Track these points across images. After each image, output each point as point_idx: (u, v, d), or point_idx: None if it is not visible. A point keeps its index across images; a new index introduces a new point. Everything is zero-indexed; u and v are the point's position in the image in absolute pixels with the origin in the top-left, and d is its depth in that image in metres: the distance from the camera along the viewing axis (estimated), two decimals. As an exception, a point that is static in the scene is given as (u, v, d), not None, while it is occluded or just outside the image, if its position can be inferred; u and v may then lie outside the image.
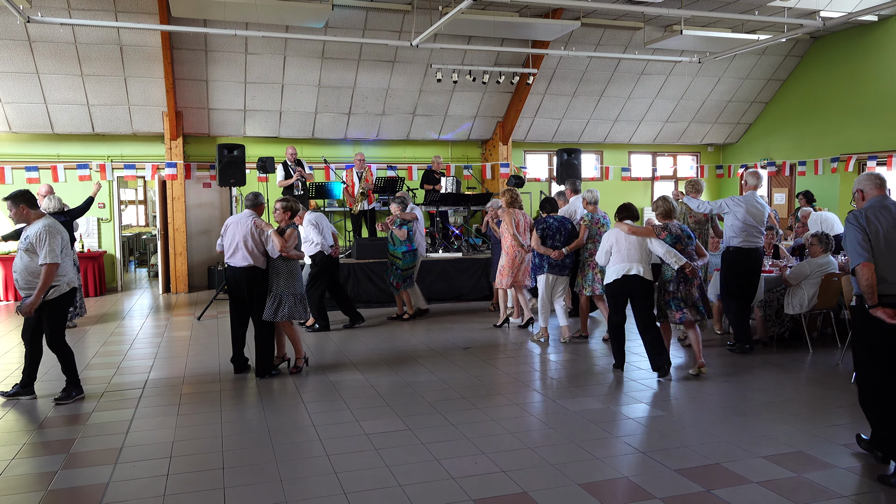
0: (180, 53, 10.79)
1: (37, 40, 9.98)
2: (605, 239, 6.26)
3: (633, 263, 6.00)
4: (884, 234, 3.78)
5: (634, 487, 3.76)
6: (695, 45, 11.51)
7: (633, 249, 6.04)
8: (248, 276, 6.13)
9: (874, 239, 3.78)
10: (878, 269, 3.75)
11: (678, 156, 15.75)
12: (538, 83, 12.70)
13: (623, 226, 6.13)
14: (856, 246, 3.78)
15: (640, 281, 6.00)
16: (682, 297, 6.05)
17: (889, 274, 3.75)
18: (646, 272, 6.02)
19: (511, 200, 8.00)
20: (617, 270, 6.08)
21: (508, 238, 7.93)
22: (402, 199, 8.65)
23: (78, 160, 11.65)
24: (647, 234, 6.04)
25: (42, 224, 5.28)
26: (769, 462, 4.09)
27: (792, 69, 13.84)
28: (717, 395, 5.52)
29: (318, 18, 9.95)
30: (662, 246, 5.96)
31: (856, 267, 3.78)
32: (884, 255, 3.76)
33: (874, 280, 3.72)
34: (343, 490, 3.74)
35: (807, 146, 13.56)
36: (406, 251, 8.51)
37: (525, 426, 4.78)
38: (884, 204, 3.89)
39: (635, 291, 6.04)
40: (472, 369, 6.42)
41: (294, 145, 11.51)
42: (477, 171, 13.91)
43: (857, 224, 3.82)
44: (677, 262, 5.89)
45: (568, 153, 12.00)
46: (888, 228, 3.79)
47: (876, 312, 3.74)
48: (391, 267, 8.67)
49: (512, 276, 7.97)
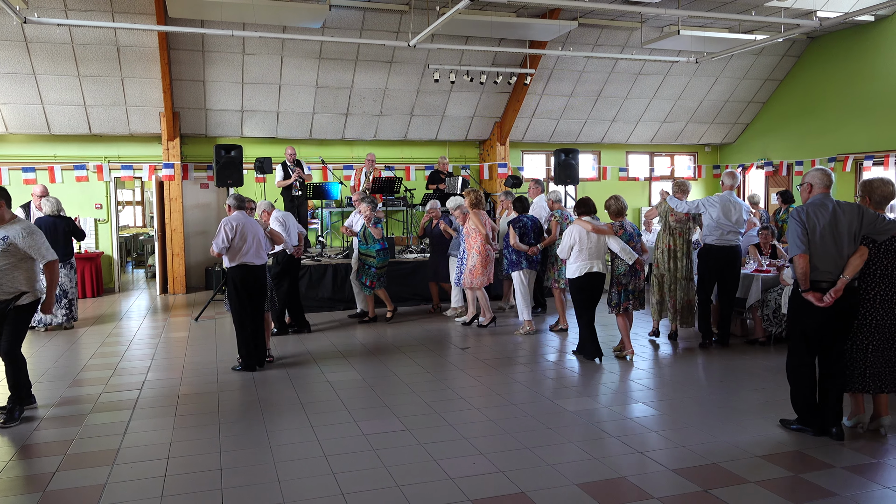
0: (177, 54, 10.77)
1: (33, 41, 9.97)
2: (567, 234, 6.65)
3: (595, 261, 6.53)
4: (820, 230, 4.33)
5: (632, 487, 3.76)
6: (692, 45, 11.52)
7: (595, 247, 6.53)
8: (263, 274, 6.53)
9: (811, 233, 4.33)
10: (813, 259, 4.34)
11: (675, 156, 15.76)
12: (536, 83, 12.71)
13: (585, 223, 6.53)
14: (795, 238, 4.36)
15: (599, 277, 6.60)
16: (631, 289, 6.67)
17: (821, 263, 4.35)
18: (602, 268, 6.60)
19: (475, 201, 8.16)
20: (580, 268, 6.54)
21: (479, 238, 8.00)
22: (371, 199, 8.61)
23: (75, 161, 11.63)
24: (607, 232, 6.53)
25: (22, 226, 4.96)
26: (767, 462, 4.10)
27: (789, 69, 13.87)
28: (714, 395, 5.52)
29: (316, 19, 9.94)
30: (619, 243, 6.49)
31: (793, 256, 4.38)
32: (818, 247, 4.34)
33: (808, 269, 4.33)
34: (341, 490, 3.74)
35: (804, 146, 13.58)
36: (379, 249, 8.45)
37: (523, 426, 4.78)
38: (824, 202, 4.41)
39: (595, 286, 6.61)
40: (469, 369, 6.42)
41: (292, 146, 11.50)
42: (475, 171, 13.91)
43: (799, 219, 4.37)
44: (631, 259, 6.46)
45: (565, 153, 12.00)
46: (824, 224, 4.33)
47: (807, 296, 4.37)
48: (363, 266, 8.55)
49: (484, 277, 8.09)
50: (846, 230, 4.33)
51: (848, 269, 4.31)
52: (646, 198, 15.35)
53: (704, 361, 6.67)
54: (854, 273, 4.31)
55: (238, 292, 6.33)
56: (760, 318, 7.24)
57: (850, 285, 4.32)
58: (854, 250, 4.34)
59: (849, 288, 4.32)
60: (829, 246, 4.32)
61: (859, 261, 4.32)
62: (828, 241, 4.32)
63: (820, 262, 4.34)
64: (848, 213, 4.35)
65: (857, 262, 4.31)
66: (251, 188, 12.03)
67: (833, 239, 4.33)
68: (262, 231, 6.54)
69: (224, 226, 6.25)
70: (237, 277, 6.31)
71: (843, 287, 4.29)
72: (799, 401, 4.58)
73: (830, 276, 4.34)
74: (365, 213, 8.49)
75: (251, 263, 6.33)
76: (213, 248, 6.31)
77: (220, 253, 6.30)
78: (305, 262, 9.68)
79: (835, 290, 4.29)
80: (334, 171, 12.38)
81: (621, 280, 6.65)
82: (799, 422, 4.61)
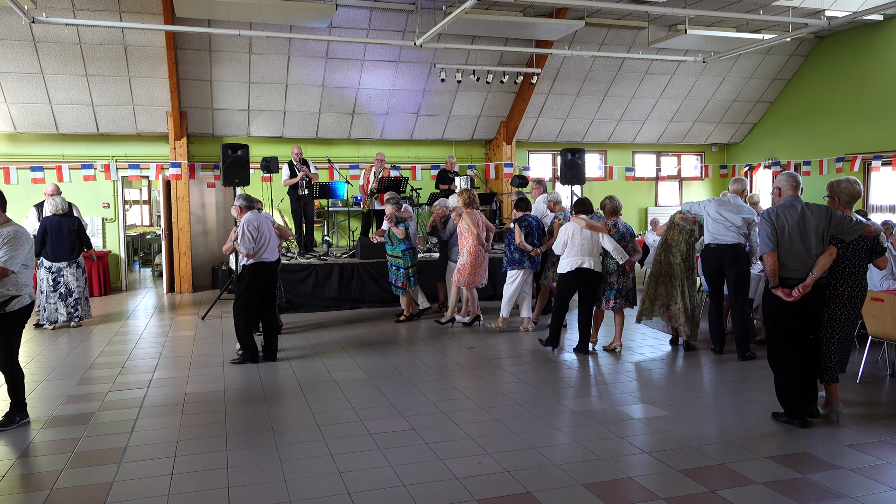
0: (184, 53, 10.81)
1: (41, 40, 10.01)
2: (563, 231, 6.83)
3: (586, 257, 6.65)
4: (789, 230, 4.58)
5: (639, 488, 3.75)
6: (699, 44, 11.49)
7: (587, 244, 6.66)
8: (276, 269, 6.77)
9: (780, 233, 4.59)
10: (781, 257, 4.60)
11: (682, 155, 15.72)
12: (542, 83, 12.69)
13: (580, 220, 6.66)
14: (765, 238, 4.63)
15: (591, 273, 6.70)
16: (618, 287, 6.86)
17: (789, 261, 4.60)
18: (595, 265, 6.70)
19: (469, 201, 8.18)
20: (571, 263, 6.70)
21: (471, 238, 8.01)
22: (396, 200, 8.62)
23: (82, 160, 11.68)
24: (600, 230, 6.65)
25: (13, 228, 4.78)
26: (774, 463, 4.08)
27: (797, 69, 13.81)
28: (722, 396, 5.50)
29: (322, 18, 9.95)
30: (612, 242, 6.66)
31: (763, 255, 4.66)
32: (786, 246, 4.59)
33: (776, 266, 4.60)
34: (347, 490, 3.74)
35: (812, 146, 13.53)
36: (405, 249, 8.46)
37: (529, 426, 4.78)
38: (793, 204, 4.66)
39: (586, 282, 6.73)
40: (474, 369, 6.41)
41: (298, 145, 11.51)
42: (481, 170, 13.90)
43: (769, 220, 4.64)
44: (622, 258, 6.63)
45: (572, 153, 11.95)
46: (792, 225, 4.58)
47: (776, 291, 4.63)
48: (392, 268, 8.61)
49: (472, 276, 8.11)
50: (814, 230, 4.57)
51: (816, 266, 4.55)
52: (652, 198, 15.32)
53: (711, 361, 6.65)
54: (822, 271, 4.55)
55: (255, 289, 6.57)
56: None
57: (818, 282, 4.58)
58: (822, 250, 4.57)
59: (816, 284, 4.58)
60: (798, 245, 4.57)
61: (828, 259, 4.55)
62: (796, 241, 4.57)
63: (789, 259, 4.59)
64: (816, 215, 4.60)
65: (826, 260, 4.55)
66: (257, 187, 12.04)
67: (801, 238, 4.57)
68: (272, 228, 6.76)
69: (247, 227, 6.45)
70: (255, 274, 6.56)
71: (811, 283, 4.54)
72: (781, 392, 4.79)
73: (799, 274, 4.59)
74: (388, 213, 8.53)
75: (267, 260, 6.63)
76: (242, 249, 6.48)
77: (248, 253, 6.51)
78: (311, 262, 9.71)
79: (803, 286, 4.54)
80: (340, 170, 12.39)
81: (608, 278, 6.88)
82: (786, 414, 4.78)
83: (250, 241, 6.44)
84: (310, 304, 9.61)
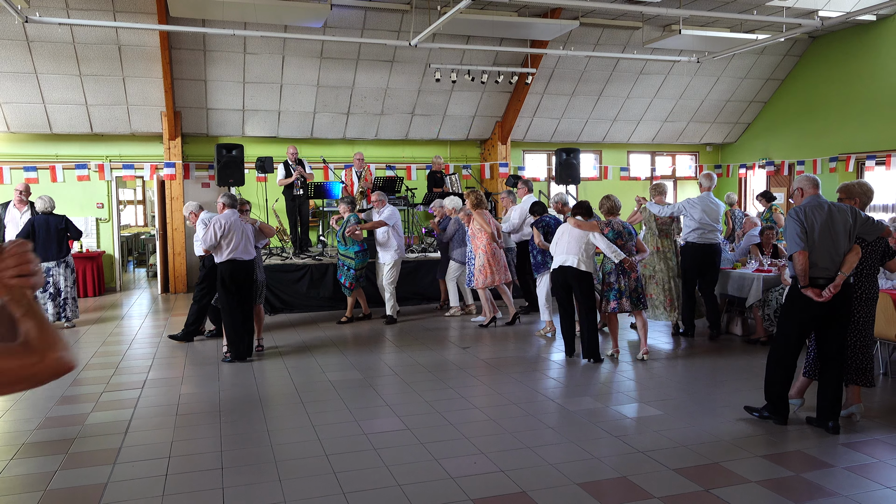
0: (179, 53, 10.78)
1: (35, 40, 9.97)
2: (557, 232, 6.85)
3: (569, 255, 6.54)
4: (818, 228, 4.49)
5: (633, 487, 3.75)
6: (693, 44, 11.51)
7: (573, 242, 6.55)
8: (252, 268, 6.80)
9: (810, 231, 4.49)
10: (812, 256, 4.49)
11: (677, 155, 15.76)
12: (537, 83, 12.70)
13: (573, 220, 6.62)
14: (794, 237, 4.50)
15: (573, 272, 6.51)
16: (619, 288, 6.61)
17: (819, 260, 4.50)
18: (580, 263, 6.49)
19: (477, 201, 8.20)
20: (556, 262, 6.68)
21: (484, 238, 8.01)
22: (351, 199, 8.64)
23: (76, 160, 11.64)
24: (590, 228, 6.54)
25: None
26: (769, 461, 4.10)
27: (790, 69, 13.85)
28: (716, 395, 5.52)
29: (317, 18, 9.94)
30: (603, 241, 6.50)
31: (793, 254, 4.50)
32: (816, 245, 4.49)
33: (807, 265, 4.47)
34: (342, 490, 3.74)
35: (805, 146, 13.57)
36: (358, 251, 8.46)
37: (524, 425, 4.78)
38: (819, 202, 4.59)
39: (571, 281, 6.56)
40: (470, 368, 6.42)
41: (293, 145, 11.50)
42: (476, 170, 13.90)
43: (797, 218, 4.52)
44: (616, 257, 6.46)
45: (567, 153, 12.00)
46: (821, 223, 4.50)
47: (806, 291, 4.49)
48: (342, 268, 8.56)
49: (494, 274, 8.08)
50: (842, 228, 4.52)
51: (845, 265, 4.49)
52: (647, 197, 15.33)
53: (705, 361, 6.66)
54: (850, 269, 4.50)
55: (227, 285, 6.64)
56: (761, 318, 7.23)
57: (846, 281, 4.51)
58: (849, 248, 4.53)
59: (844, 283, 4.51)
60: (827, 244, 4.50)
61: (855, 258, 4.51)
62: (825, 239, 4.50)
63: (819, 259, 4.51)
64: (843, 213, 4.56)
65: (853, 258, 4.50)
66: (252, 187, 12.03)
67: (830, 237, 4.50)
68: (250, 228, 6.83)
69: (213, 224, 6.56)
70: (226, 272, 6.63)
71: (841, 282, 4.46)
72: (773, 391, 4.75)
73: (827, 273, 4.52)
74: (344, 213, 8.54)
75: (240, 259, 6.67)
76: (202, 244, 6.63)
77: (207, 250, 6.64)
78: (306, 262, 9.69)
79: (833, 286, 4.44)
80: (335, 170, 12.37)
81: (608, 279, 6.68)
82: (767, 409, 4.79)
83: (212, 237, 6.49)
84: (305, 304, 9.60)
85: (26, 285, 1.41)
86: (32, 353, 1.35)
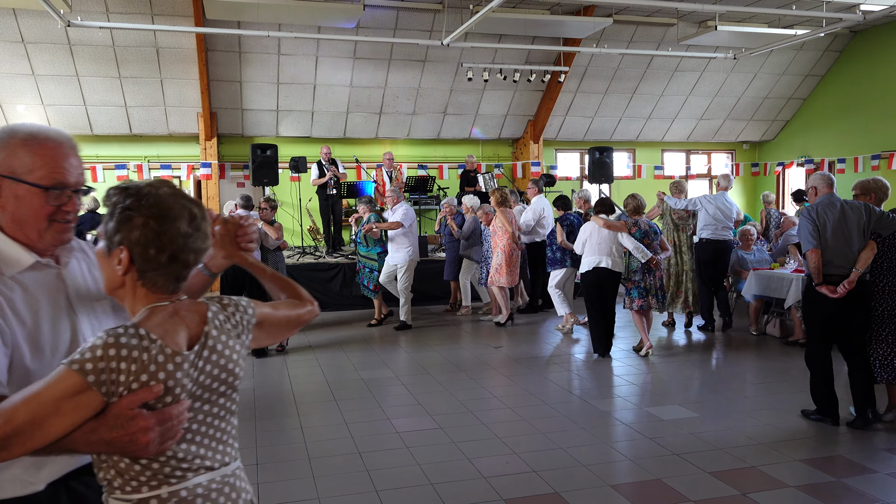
0: (215, 55, 10.95)
1: (76, 44, 10.21)
2: (582, 231, 6.89)
3: (603, 256, 6.63)
4: (831, 226, 4.60)
5: (667, 489, 3.71)
6: (730, 40, 11.30)
7: (604, 243, 6.64)
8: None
9: (822, 230, 4.61)
10: (825, 254, 4.59)
11: (712, 154, 15.51)
12: (569, 81, 12.61)
13: (598, 219, 6.65)
14: (807, 235, 4.63)
15: (608, 273, 6.64)
16: (644, 286, 6.74)
17: (833, 258, 4.60)
18: (614, 264, 6.63)
19: (501, 200, 8.21)
20: (589, 262, 6.71)
21: (505, 237, 8.01)
22: (369, 199, 8.61)
23: (116, 161, 11.89)
24: (619, 228, 6.61)
25: None
26: (808, 466, 4.01)
27: (830, 64, 13.53)
28: (753, 397, 5.42)
29: (350, 19, 10.00)
30: (632, 241, 6.60)
31: (807, 252, 4.64)
32: (829, 243, 4.60)
33: (820, 263, 4.59)
34: (375, 487, 3.77)
35: (846, 143, 13.25)
36: (381, 252, 8.38)
37: (556, 426, 4.76)
38: (831, 201, 4.70)
39: (604, 282, 6.66)
40: (499, 367, 6.41)
41: (326, 145, 11.60)
42: (508, 169, 13.86)
43: (810, 217, 4.66)
44: (644, 257, 6.58)
45: (599, 151, 11.90)
46: (834, 221, 4.61)
47: (821, 289, 4.60)
48: (364, 269, 8.48)
49: (509, 275, 8.09)
50: (855, 226, 4.60)
51: (859, 262, 4.56)
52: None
53: (742, 362, 6.56)
54: (865, 266, 4.56)
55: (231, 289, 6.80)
56: (800, 320, 7.08)
57: (861, 277, 4.57)
58: (863, 245, 4.59)
59: (860, 280, 4.57)
60: (840, 241, 4.60)
61: (869, 254, 4.57)
62: (839, 237, 4.60)
63: (833, 256, 4.60)
64: (856, 211, 4.64)
65: (868, 255, 4.57)
66: (286, 187, 12.16)
67: (843, 235, 4.60)
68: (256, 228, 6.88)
69: None
70: (229, 271, 6.66)
71: (855, 279, 4.53)
72: (817, 391, 4.76)
73: (842, 270, 4.59)
74: (363, 214, 8.43)
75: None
76: None
77: None
78: (339, 261, 9.77)
79: (848, 282, 4.52)
80: (368, 169, 12.45)
81: (633, 277, 6.79)
82: (818, 412, 4.77)
83: None
84: (338, 302, 9.67)
85: (251, 249, 1.81)
86: (306, 302, 1.79)
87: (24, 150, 1.54)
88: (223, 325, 1.54)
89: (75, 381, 1.28)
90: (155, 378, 1.35)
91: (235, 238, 1.79)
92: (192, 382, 1.44)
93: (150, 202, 1.42)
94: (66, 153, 1.58)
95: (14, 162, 1.52)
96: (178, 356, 1.39)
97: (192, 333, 1.46)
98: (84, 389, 1.28)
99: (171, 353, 1.38)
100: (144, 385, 1.34)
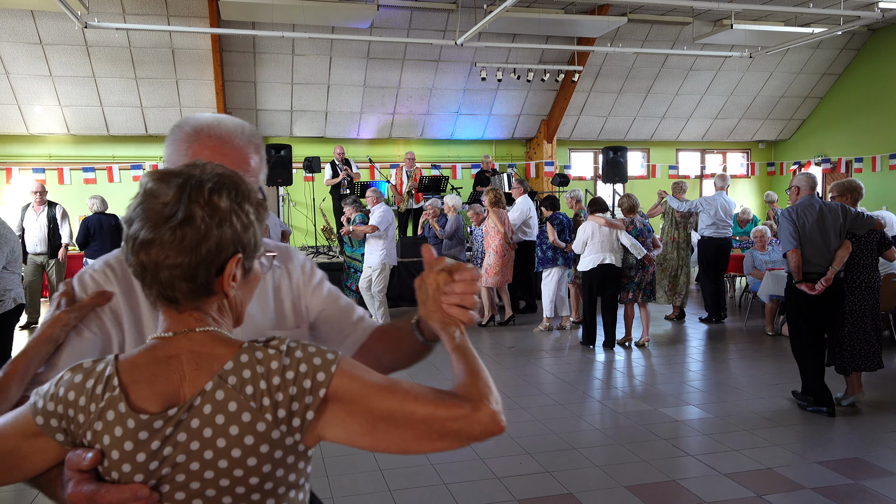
0: (229, 56, 11.01)
1: (93, 45, 10.31)
2: (582, 230, 7.07)
3: (607, 253, 6.90)
4: (809, 227, 4.88)
5: (683, 491, 3.69)
6: (745, 39, 11.22)
7: (606, 241, 6.91)
8: None
9: (802, 230, 4.88)
10: (804, 253, 4.88)
11: (728, 153, 15.40)
12: (583, 80, 12.57)
13: (598, 219, 6.94)
14: (787, 236, 4.91)
15: (612, 269, 6.92)
16: (637, 281, 7.15)
17: (812, 257, 4.89)
18: (616, 260, 6.93)
19: (495, 200, 8.19)
20: (593, 260, 6.93)
21: (497, 237, 7.99)
22: (355, 199, 8.54)
23: (132, 161, 12.00)
24: (619, 227, 6.95)
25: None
26: (825, 468, 3.97)
27: (848, 63, 13.39)
28: (768, 399, 5.38)
29: (364, 19, 10.03)
30: (629, 239, 6.96)
31: (787, 252, 4.93)
32: (809, 243, 4.88)
33: (800, 262, 4.88)
34: (388, 487, 3.77)
35: (864, 142, 13.10)
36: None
37: (570, 427, 4.74)
38: (811, 202, 4.96)
39: (607, 278, 6.94)
40: (515, 368, 6.39)
41: (340, 145, 11.64)
42: (521, 169, 13.84)
43: (791, 218, 4.94)
44: (640, 253, 6.95)
45: (614, 151, 11.85)
46: (812, 222, 4.88)
47: (800, 286, 4.89)
48: (349, 270, 8.43)
49: (500, 275, 8.07)
50: (832, 226, 4.88)
51: (836, 261, 4.85)
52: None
53: (757, 363, 6.50)
54: (840, 264, 4.86)
55: None
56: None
57: (836, 275, 4.87)
58: (840, 244, 4.89)
59: (835, 277, 4.88)
60: (818, 241, 4.88)
61: (845, 253, 4.87)
62: (816, 237, 4.88)
63: (812, 255, 4.89)
64: (833, 212, 4.91)
65: (843, 254, 4.87)
66: (300, 187, 12.21)
67: (821, 235, 4.88)
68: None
69: None
70: None
71: (832, 276, 4.83)
72: (808, 383, 4.97)
73: (819, 268, 4.88)
74: (350, 215, 8.33)
75: None
76: None
77: None
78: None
79: (825, 280, 4.82)
80: (381, 169, 12.47)
81: (629, 273, 7.15)
82: (814, 403, 4.94)
83: None
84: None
85: (463, 319, 1.23)
86: (463, 401, 1.13)
87: (185, 147, 1.38)
88: (240, 391, 1.03)
89: (29, 421, 1.04)
90: (98, 440, 1.02)
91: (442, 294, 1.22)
92: (160, 462, 1.01)
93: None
94: (226, 151, 1.37)
95: (177, 161, 1.35)
96: (130, 419, 1.01)
97: (178, 390, 1.03)
98: (37, 434, 1.04)
99: (125, 413, 1.01)
100: (91, 443, 1.03)
